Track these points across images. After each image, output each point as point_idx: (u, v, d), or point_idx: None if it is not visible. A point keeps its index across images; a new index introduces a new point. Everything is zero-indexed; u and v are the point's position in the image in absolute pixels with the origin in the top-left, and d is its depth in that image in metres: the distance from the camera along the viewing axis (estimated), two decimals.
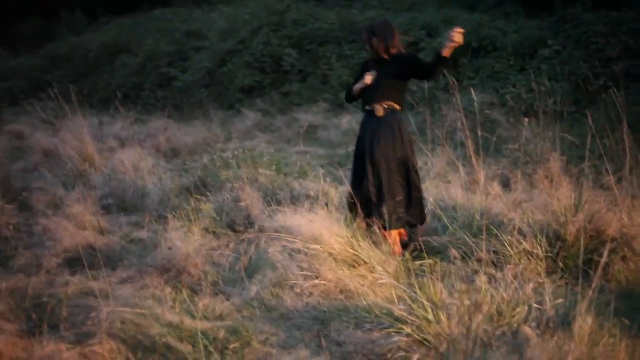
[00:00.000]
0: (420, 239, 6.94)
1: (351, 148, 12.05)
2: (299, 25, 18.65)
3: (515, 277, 5.61)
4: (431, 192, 7.91)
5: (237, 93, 17.69)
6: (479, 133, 7.45)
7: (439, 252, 6.69)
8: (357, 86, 7.09)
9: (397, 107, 6.99)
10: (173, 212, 7.75)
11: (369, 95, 7.04)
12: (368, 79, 6.92)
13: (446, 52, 6.57)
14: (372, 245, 6.24)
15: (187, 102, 17.58)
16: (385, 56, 7.03)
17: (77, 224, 7.54)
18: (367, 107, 7.07)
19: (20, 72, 23.36)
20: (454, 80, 9.50)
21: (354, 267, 5.98)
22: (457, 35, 6.43)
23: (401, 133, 6.96)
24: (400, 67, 6.95)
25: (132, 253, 6.93)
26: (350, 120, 14.20)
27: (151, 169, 10.28)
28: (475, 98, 8.29)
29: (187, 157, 12.61)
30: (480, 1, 19.01)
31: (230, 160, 10.10)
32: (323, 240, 6.03)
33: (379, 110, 6.94)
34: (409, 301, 4.93)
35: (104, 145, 12.89)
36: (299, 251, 6.02)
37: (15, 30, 32.07)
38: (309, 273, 5.80)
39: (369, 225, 6.66)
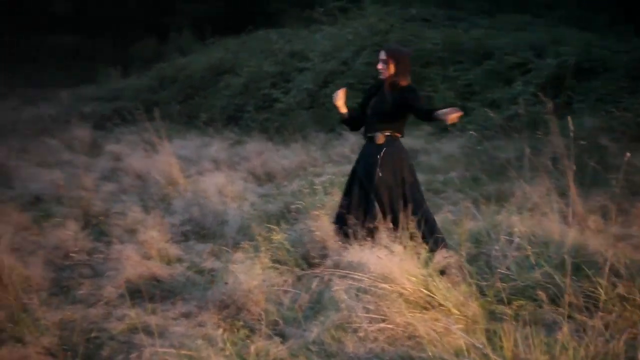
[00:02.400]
0: None
1: (452, 174, 11.64)
2: (403, 45, 18.16)
3: (606, 326, 5.09)
4: (524, 225, 7.29)
5: (339, 115, 17.26)
6: (585, 161, 6.92)
7: (524, 293, 6.09)
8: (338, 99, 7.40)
9: (397, 135, 7.19)
10: (248, 242, 7.38)
11: (370, 123, 7.21)
12: (335, 97, 7.43)
13: (439, 118, 6.76)
14: (450, 285, 5.73)
15: (288, 124, 17.24)
16: (398, 86, 7.07)
17: (145, 252, 7.28)
18: (369, 135, 7.22)
19: (129, 92, 23.60)
20: (561, 103, 8.90)
21: (426, 309, 5.48)
22: (453, 119, 6.64)
23: (402, 160, 7.15)
24: (404, 100, 6.99)
25: (196, 286, 6.60)
26: (452, 145, 13.69)
27: (237, 194, 10.01)
28: (581, 123, 7.69)
29: (282, 181, 12.26)
30: (590, 20, 18.25)
31: (316, 187, 9.70)
32: (394, 279, 5.55)
33: (380, 139, 7.08)
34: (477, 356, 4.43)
35: (197, 167, 12.73)
36: (366, 291, 5.56)
37: (131, 51, 32.71)
38: (375, 315, 5.33)
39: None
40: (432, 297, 5.53)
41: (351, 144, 15.07)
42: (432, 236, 6.75)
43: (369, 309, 5.39)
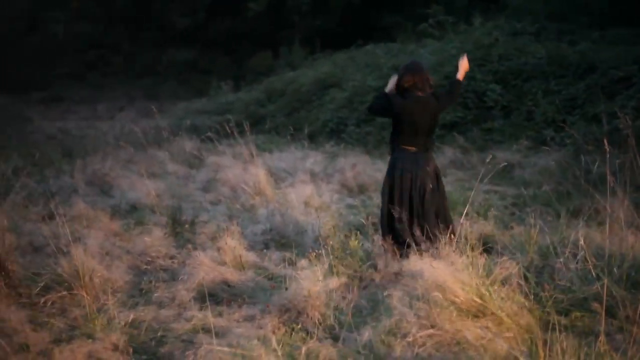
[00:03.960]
0: None
1: (544, 188, 11.60)
2: (505, 59, 18.13)
3: None
4: (592, 238, 7.27)
5: (438, 129, 17.34)
6: None
7: (583, 305, 6.12)
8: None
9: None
10: (321, 250, 7.58)
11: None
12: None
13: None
14: (507, 295, 5.83)
15: (387, 138, 17.41)
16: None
17: (220, 259, 7.59)
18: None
19: (239, 105, 24.13)
20: None
21: (477, 317, 5.60)
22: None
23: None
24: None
25: (264, 291, 6.87)
26: (547, 159, 13.62)
27: (322, 205, 10.26)
28: None
29: (373, 193, 12.44)
30: None
31: None
32: (447, 288, 5.69)
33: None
34: None
35: (292, 179, 13.01)
36: (419, 298, 5.72)
37: (246, 65, 33.45)
38: (425, 322, 5.49)
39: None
40: (485, 306, 5.65)
41: (448, 157, 15.17)
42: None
43: (420, 315, 5.55)
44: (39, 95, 33.38)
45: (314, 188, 10.82)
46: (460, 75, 7.89)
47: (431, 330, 5.43)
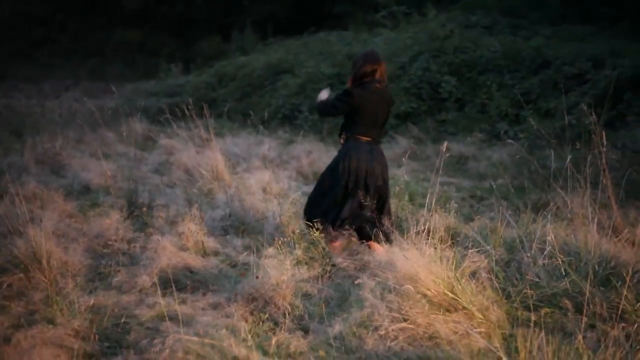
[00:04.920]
0: None
1: (500, 181, 11.58)
2: (460, 52, 18.13)
3: (628, 337, 5.13)
4: (558, 234, 7.24)
5: (392, 119, 17.28)
6: (634, 174, 6.91)
7: (551, 301, 6.08)
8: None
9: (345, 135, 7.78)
10: (283, 238, 7.45)
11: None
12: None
13: None
14: (477, 290, 5.76)
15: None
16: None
17: (182, 244, 7.42)
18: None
19: (189, 88, 23.83)
20: (617, 115, 8.84)
21: (449, 312, 5.52)
22: None
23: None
24: None
25: (228, 278, 6.70)
26: (502, 152, 13.66)
27: (280, 192, 10.12)
28: (634, 135, 7.65)
29: None
30: None
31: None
32: (419, 280, 5.60)
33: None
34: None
35: (247, 165, 12.86)
36: (390, 290, 5.62)
37: (195, 49, 33.10)
38: (397, 315, 5.39)
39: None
40: (457, 300, 5.56)
41: (402, 147, 15.10)
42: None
43: (392, 308, 5.45)
44: None
45: (271, 174, 10.64)
46: None
47: (403, 324, 5.33)
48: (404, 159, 14.39)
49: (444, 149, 6.85)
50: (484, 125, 15.99)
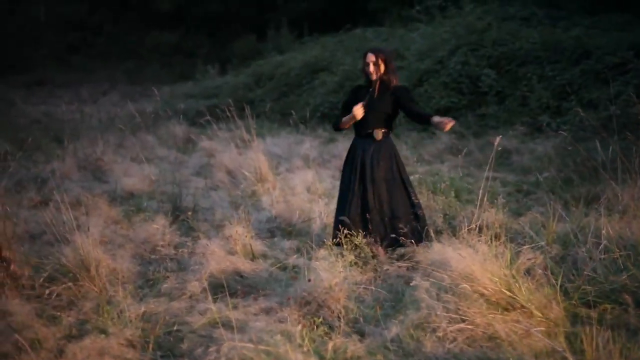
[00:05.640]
0: None
1: (545, 174, 11.41)
2: (499, 44, 17.87)
3: None
4: (613, 227, 7.06)
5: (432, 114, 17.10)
6: None
7: (610, 297, 5.92)
8: (346, 119, 7.50)
9: (389, 132, 7.54)
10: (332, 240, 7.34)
11: (366, 120, 7.38)
12: (359, 113, 7.31)
13: (435, 124, 6.98)
14: (534, 287, 5.62)
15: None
16: (390, 85, 7.38)
17: (230, 248, 7.34)
18: (369, 131, 7.43)
19: (226, 89, 23.78)
20: None
21: (507, 311, 5.39)
22: (448, 128, 6.88)
23: (397, 156, 7.51)
24: (399, 99, 7.32)
25: (279, 282, 6.62)
26: (546, 145, 13.45)
27: (325, 192, 10.01)
28: None
29: None
30: None
31: None
32: (475, 279, 5.47)
33: (378, 135, 7.40)
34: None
35: (288, 165, 12.78)
36: (446, 290, 5.50)
37: (230, 49, 33.08)
38: (454, 315, 5.26)
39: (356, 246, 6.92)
40: (514, 299, 5.43)
41: (444, 143, 14.95)
42: (418, 233, 7.17)
43: (449, 308, 5.33)
44: (21, 79, 32.80)
45: (315, 174, 10.53)
46: (435, 120, 7.00)
47: (462, 325, 5.21)
48: (445, 154, 14.43)
49: (496, 143, 6.71)
50: (526, 118, 15.74)
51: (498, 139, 6.93)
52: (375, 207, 7.26)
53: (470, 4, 21.19)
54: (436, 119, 6.96)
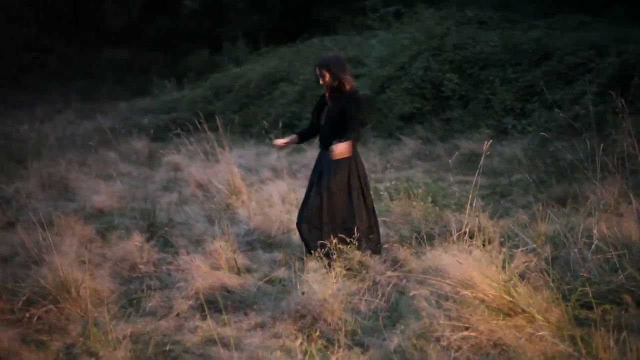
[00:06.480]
0: None
1: (515, 177, 11.37)
2: (460, 48, 17.84)
3: None
4: (601, 226, 6.98)
5: (397, 121, 17.01)
6: None
7: (608, 297, 5.81)
8: (278, 142, 7.90)
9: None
10: (318, 251, 7.17)
11: (324, 131, 7.45)
12: (277, 144, 7.86)
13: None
14: (532, 290, 5.49)
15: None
16: (343, 91, 7.28)
17: (213, 262, 7.13)
18: (325, 142, 7.39)
19: (185, 103, 23.48)
20: (625, 102, 8.60)
21: (509, 316, 5.25)
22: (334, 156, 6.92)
23: (356, 165, 7.34)
24: (343, 111, 7.19)
25: (268, 296, 6.43)
26: (514, 148, 13.41)
27: (299, 203, 9.84)
28: None
29: None
30: None
31: (382, 193, 9.54)
32: (475, 285, 5.32)
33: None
34: None
35: (258, 176, 12.60)
36: (446, 297, 5.35)
37: (184, 63, 32.83)
38: (457, 323, 5.11)
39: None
40: (515, 303, 5.30)
41: (411, 149, 14.87)
42: (374, 242, 7.24)
43: (451, 316, 5.18)
44: None
45: (288, 185, 10.36)
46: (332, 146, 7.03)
47: (465, 332, 5.06)
48: (414, 159, 14.35)
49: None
50: (491, 121, 15.74)
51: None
52: (329, 216, 7.23)
53: (428, 10, 21.19)
54: (333, 146, 6.97)
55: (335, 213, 7.21)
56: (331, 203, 7.22)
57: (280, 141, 7.85)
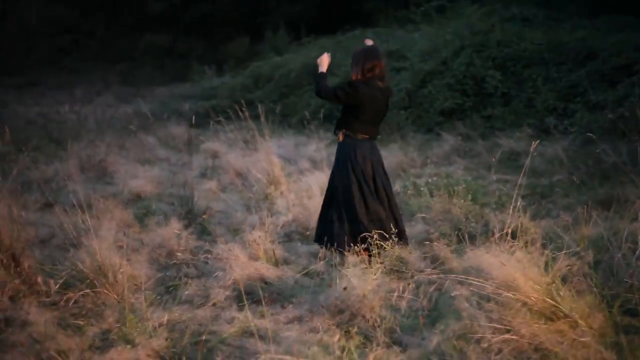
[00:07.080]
0: None
1: (556, 177, 11.20)
2: (504, 46, 17.64)
3: None
4: None
5: (437, 116, 16.89)
6: None
7: None
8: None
9: (347, 132, 7.30)
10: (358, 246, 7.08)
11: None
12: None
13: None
14: (575, 295, 5.38)
15: (385, 124, 16.91)
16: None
17: (251, 253, 7.08)
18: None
19: (224, 90, 23.48)
20: None
21: (552, 320, 5.14)
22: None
23: (351, 159, 7.24)
24: None
25: (306, 289, 6.37)
26: (555, 148, 13.24)
27: None
28: None
29: None
30: None
31: (422, 189, 9.43)
32: (517, 287, 5.22)
33: (339, 136, 7.38)
34: None
35: (296, 167, 12.54)
36: (488, 298, 5.26)
37: (224, 50, 32.83)
38: (499, 326, 5.02)
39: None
40: (557, 307, 5.19)
41: (450, 145, 14.74)
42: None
43: (492, 318, 5.09)
44: (14, 81, 32.37)
45: (326, 176, 10.28)
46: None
47: (507, 335, 4.96)
48: (453, 156, 14.20)
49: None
50: (532, 120, 15.54)
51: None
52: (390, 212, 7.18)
53: (470, 6, 20.99)
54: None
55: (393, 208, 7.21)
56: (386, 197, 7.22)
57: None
